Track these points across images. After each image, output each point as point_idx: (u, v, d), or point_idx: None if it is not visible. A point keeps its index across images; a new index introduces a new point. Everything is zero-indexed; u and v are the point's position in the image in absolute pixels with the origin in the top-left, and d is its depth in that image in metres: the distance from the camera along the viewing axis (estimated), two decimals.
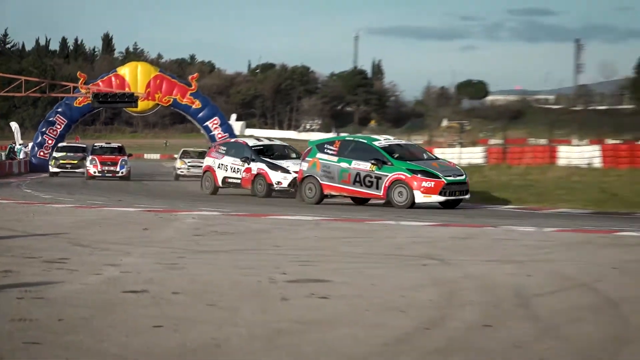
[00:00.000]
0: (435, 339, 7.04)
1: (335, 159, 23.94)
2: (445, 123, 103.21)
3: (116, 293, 9.04)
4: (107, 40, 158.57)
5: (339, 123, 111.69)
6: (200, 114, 52.49)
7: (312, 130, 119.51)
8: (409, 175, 22.90)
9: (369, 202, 26.39)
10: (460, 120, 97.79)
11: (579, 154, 41.55)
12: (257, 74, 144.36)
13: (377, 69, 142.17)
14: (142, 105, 52.01)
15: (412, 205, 22.75)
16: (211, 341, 6.68)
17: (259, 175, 27.14)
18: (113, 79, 52.71)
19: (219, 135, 51.03)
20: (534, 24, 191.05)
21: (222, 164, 28.05)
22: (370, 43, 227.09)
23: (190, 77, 56.42)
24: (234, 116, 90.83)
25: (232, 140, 32.72)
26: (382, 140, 25.64)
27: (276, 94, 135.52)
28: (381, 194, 23.31)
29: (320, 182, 24.01)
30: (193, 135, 56.58)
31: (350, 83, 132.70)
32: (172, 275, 10.67)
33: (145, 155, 60.31)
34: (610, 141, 51.89)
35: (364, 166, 23.38)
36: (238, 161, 27.87)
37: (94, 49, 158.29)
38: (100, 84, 52.30)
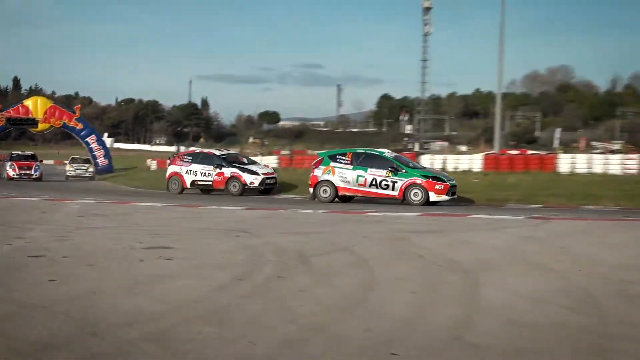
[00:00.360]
0: (245, 287, 9.48)
1: (350, 167, 26.85)
2: (251, 140, 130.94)
3: (23, 258, 11.73)
4: (16, 82, 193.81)
5: (179, 140, 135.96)
6: (82, 133, 65.55)
7: (160, 144, 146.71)
8: (424, 180, 26.20)
9: (213, 192, 33.29)
10: (261, 138, 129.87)
11: None
12: (122, 105, 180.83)
13: (205, 103, 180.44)
14: (41, 126, 66.55)
15: (426, 203, 25.71)
16: (90, 290, 9.09)
17: (233, 177, 30.71)
18: (20, 108, 66.41)
19: (95, 148, 65.02)
20: (310, 73, 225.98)
21: (190, 170, 31.24)
22: (200, 85, 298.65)
23: (75, 107, 70.71)
24: (106, 134, 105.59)
25: (197, 151, 35.11)
26: (386, 152, 29.15)
27: (135, 119, 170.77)
28: (397, 194, 26.36)
29: (336, 185, 26.85)
30: (77, 147, 62.66)
31: (186, 112, 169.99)
32: (63, 244, 13.47)
33: (44, 161, 62.93)
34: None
35: (380, 173, 26.46)
36: (209, 167, 31.10)
37: (6, 87, 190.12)
38: (11, 111, 66.07)
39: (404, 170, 26.56)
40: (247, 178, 29.80)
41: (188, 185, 30.85)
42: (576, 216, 21.24)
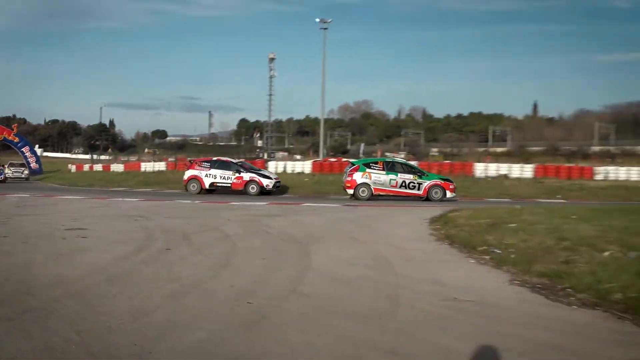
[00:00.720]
0: (142, 257, 9.65)
1: (384, 172, 25.75)
2: (146, 150, 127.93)
3: None
4: None
5: (92, 150, 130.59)
6: (19, 145, 62.73)
7: (78, 154, 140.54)
8: (442, 182, 26.08)
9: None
10: (154, 149, 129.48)
11: None
12: (49, 124, 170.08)
13: (112, 123, 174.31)
14: None
15: (442, 199, 25.29)
16: (25, 261, 9.10)
17: (252, 180, 27.98)
18: None
19: (29, 156, 61.60)
20: (189, 102, 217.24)
21: (209, 174, 28.20)
22: (109, 110, 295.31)
23: (13, 125, 67.08)
24: (37, 146, 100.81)
25: (214, 158, 31.62)
26: (407, 161, 29.99)
27: (59, 134, 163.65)
28: (422, 193, 25.60)
29: (373, 187, 25.52)
30: (15, 156, 60.08)
31: (98, 130, 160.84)
32: (3, 228, 13.24)
33: None
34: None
35: (409, 177, 25.76)
36: (228, 172, 28.23)
37: None
38: None
39: (426, 175, 26.52)
40: (264, 181, 27.86)
41: (207, 186, 28.21)
42: (375, 203, 21.97)
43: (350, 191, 25.74)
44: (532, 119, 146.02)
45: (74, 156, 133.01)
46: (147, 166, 56.71)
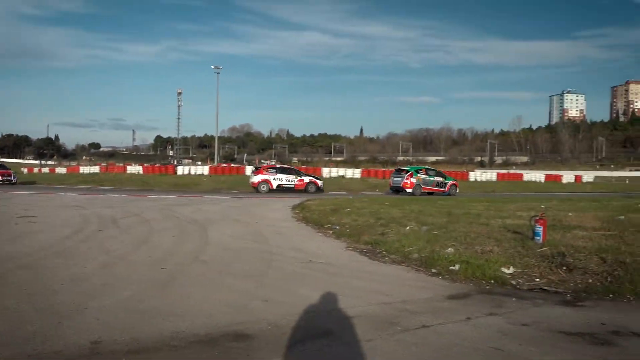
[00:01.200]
0: (80, 237, 8.95)
1: (427, 176, 25.53)
2: (84, 158, 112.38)
3: None
4: None
5: (41, 158, 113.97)
6: None
7: (29, 160, 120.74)
8: (454, 182, 26.49)
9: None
10: (90, 157, 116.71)
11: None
12: (5, 137, 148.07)
13: (57, 137, 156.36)
14: None
15: (456, 194, 25.16)
16: None
17: (311, 183, 26.03)
18: None
19: None
20: (119, 123, 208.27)
21: (276, 177, 25.71)
22: (55, 127, 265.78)
23: None
24: None
25: (277, 165, 29.00)
26: (437, 170, 28.96)
27: (14, 145, 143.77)
28: (446, 190, 25.28)
29: (422, 186, 24.85)
30: None
31: (46, 142, 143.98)
32: None
33: None
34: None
35: (440, 179, 25.81)
36: (292, 176, 26.13)
37: None
38: None
39: (447, 177, 26.67)
40: (319, 182, 26.14)
41: (274, 187, 25.44)
42: (255, 196, 21.78)
43: (410, 190, 24.75)
44: (359, 138, 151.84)
45: (25, 162, 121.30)
46: (84, 169, 52.47)
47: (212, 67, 58.87)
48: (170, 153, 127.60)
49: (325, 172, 47.40)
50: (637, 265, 6.13)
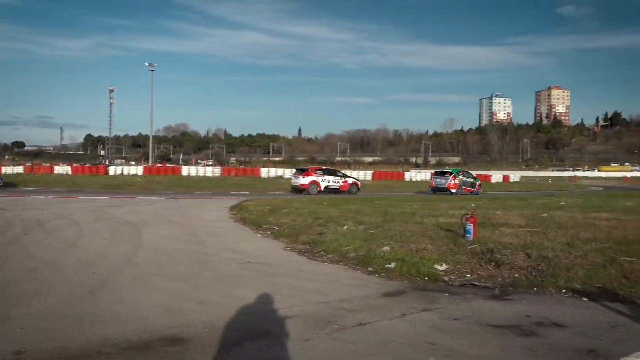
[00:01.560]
0: (3, 240, 8.36)
1: (465, 178, 27.94)
2: (6, 157, 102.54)
3: None
4: None
5: None
6: None
7: None
8: (480, 183, 29.49)
9: None
10: (13, 156, 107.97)
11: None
12: None
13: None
14: None
15: (480, 192, 27.94)
16: None
17: (354, 184, 26.74)
18: None
19: None
20: (45, 121, 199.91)
21: (324, 179, 25.96)
22: None
23: None
24: None
25: (324, 168, 29.07)
26: (471, 171, 32.96)
27: None
28: (475, 189, 27.90)
29: (462, 186, 27.09)
30: None
31: None
32: None
33: None
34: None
35: (472, 180, 28.48)
36: (337, 178, 26.58)
37: None
38: None
39: (476, 178, 29.50)
40: (359, 184, 27.11)
41: (322, 189, 25.43)
42: (191, 196, 21.31)
43: (454, 190, 26.68)
44: (298, 139, 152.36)
45: None
46: (7, 169, 48.75)
47: (147, 64, 57.23)
48: (102, 153, 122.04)
49: (264, 172, 47.22)
50: (559, 260, 6.53)
